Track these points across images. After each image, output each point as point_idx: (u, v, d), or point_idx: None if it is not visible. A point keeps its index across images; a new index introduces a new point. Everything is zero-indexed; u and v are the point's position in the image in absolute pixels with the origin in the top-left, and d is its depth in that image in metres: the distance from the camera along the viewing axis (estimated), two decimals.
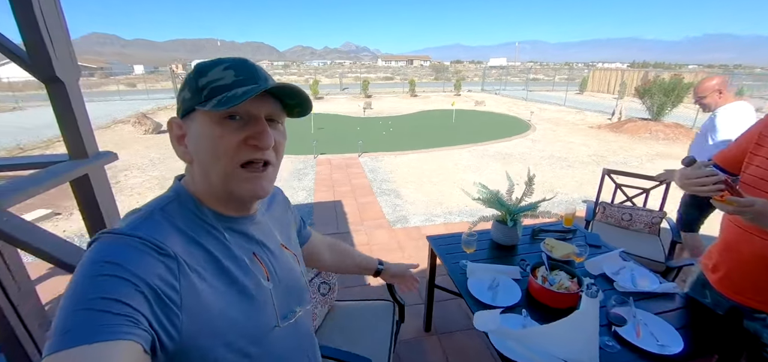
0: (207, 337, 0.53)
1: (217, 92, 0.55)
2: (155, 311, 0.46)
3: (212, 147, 0.56)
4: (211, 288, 0.55)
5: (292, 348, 0.71)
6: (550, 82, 31.41)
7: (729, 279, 1.38)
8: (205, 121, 0.56)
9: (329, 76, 39.31)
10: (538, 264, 1.57)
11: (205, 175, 0.58)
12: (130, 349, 0.42)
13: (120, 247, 0.48)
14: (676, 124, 9.58)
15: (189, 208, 0.59)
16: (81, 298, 0.42)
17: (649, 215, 2.67)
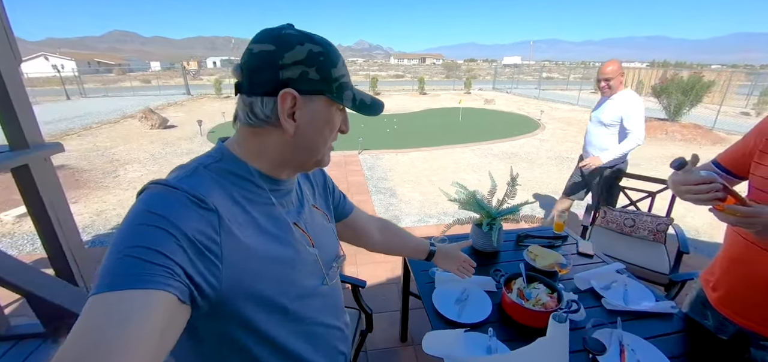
0: (247, 288, 0.56)
1: (345, 88, 0.62)
2: (194, 262, 0.48)
3: (326, 130, 0.63)
4: (252, 243, 0.57)
5: (327, 304, 0.75)
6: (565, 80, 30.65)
7: (732, 300, 1.17)
8: (331, 109, 0.62)
9: None
10: (514, 276, 1.40)
11: (298, 147, 0.62)
12: (163, 299, 0.44)
13: (165, 199, 0.50)
14: (694, 124, 9.11)
15: (235, 169, 0.61)
16: (125, 245, 0.45)
17: (654, 221, 2.44)
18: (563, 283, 1.50)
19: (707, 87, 9.35)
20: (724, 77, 14.10)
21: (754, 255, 1.08)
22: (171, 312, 0.45)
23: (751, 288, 1.10)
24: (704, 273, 1.33)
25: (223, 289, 0.52)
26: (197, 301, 0.50)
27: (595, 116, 2.91)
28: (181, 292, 0.46)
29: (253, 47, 0.58)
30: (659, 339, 1.21)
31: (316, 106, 0.60)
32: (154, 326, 0.42)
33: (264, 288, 0.59)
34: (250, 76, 0.57)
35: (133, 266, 0.44)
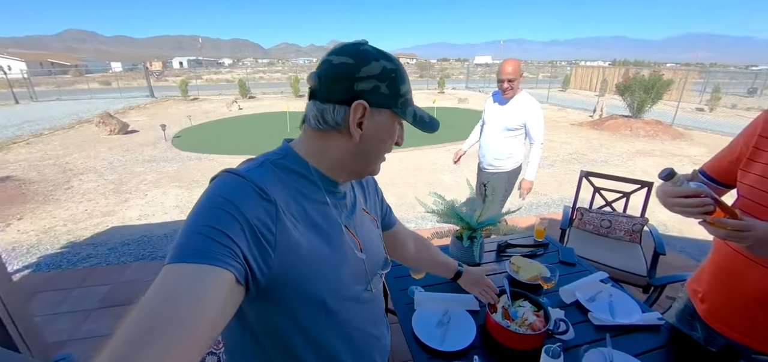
0: (294, 280, 0.59)
1: (408, 105, 0.67)
2: (251, 247, 0.53)
3: (387, 142, 0.67)
4: (303, 239, 0.60)
5: (368, 309, 0.76)
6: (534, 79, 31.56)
7: (722, 312, 1.13)
8: (393, 122, 0.66)
9: None
10: (499, 293, 1.30)
11: (359, 156, 0.66)
12: (225, 276, 0.48)
13: (234, 186, 0.55)
14: (656, 121, 9.55)
15: (296, 167, 0.65)
16: (196, 223, 0.50)
17: (629, 221, 2.44)
18: (548, 296, 1.43)
19: (667, 85, 9.80)
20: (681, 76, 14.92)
21: (744, 267, 1.03)
22: (229, 289, 0.49)
23: (742, 301, 1.05)
24: (691, 283, 1.28)
25: (271, 277, 0.56)
26: (249, 284, 0.53)
27: (495, 120, 2.67)
28: (238, 273, 0.50)
29: (332, 58, 0.62)
30: (648, 354, 1.16)
31: (382, 118, 0.65)
32: (218, 298, 0.47)
33: (308, 281, 0.62)
34: (327, 84, 0.62)
35: (203, 243, 0.48)
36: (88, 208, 4.41)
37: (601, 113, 11.04)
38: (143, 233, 3.71)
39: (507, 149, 2.66)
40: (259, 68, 57.10)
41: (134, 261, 3.11)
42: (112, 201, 4.63)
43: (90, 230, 3.79)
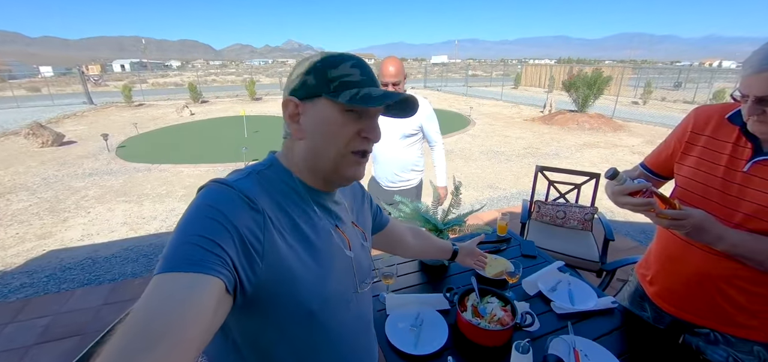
0: (280, 289, 0.60)
1: (346, 87, 0.62)
2: (240, 255, 0.53)
3: (332, 132, 0.64)
4: (290, 248, 0.61)
5: (354, 317, 0.75)
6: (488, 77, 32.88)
7: (668, 293, 1.24)
8: (332, 109, 0.63)
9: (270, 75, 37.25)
10: (467, 291, 1.34)
11: (315, 153, 0.65)
12: (215, 284, 0.48)
13: (223, 195, 0.56)
14: (599, 114, 10.31)
15: (281, 177, 0.66)
16: (186, 233, 0.51)
17: (581, 211, 2.62)
18: (513, 290, 1.49)
19: (606, 81, 10.64)
20: (618, 72, 16.24)
21: (684, 251, 1.14)
22: (220, 297, 0.49)
23: (684, 281, 1.16)
24: (639, 267, 1.39)
25: (258, 286, 0.56)
26: (236, 293, 0.53)
27: (389, 129, 2.16)
28: (228, 281, 0.50)
29: None
30: (606, 337, 1.24)
31: (318, 109, 0.63)
32: (210, 306, 0.47)
33: (295, 291, 0.62)
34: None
35: (192, 252, 0.49)
36: (19, 232, 3.96)
37: (551, 109, 11.73)
38: (87, 255, 3.40)
39: (411, 159, 2.28)
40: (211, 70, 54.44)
41: (78, 288, 2.84)
42: (48, 222, 4.20)
43: (23, 256, 3.41)
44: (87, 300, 2.63)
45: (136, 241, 3.70)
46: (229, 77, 37.12)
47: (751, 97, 0.91)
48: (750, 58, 0.91)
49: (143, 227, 4.05)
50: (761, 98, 0.89)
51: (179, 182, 5.53)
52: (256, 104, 15.39)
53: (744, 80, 0.93)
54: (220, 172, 5.90)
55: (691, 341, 1.22)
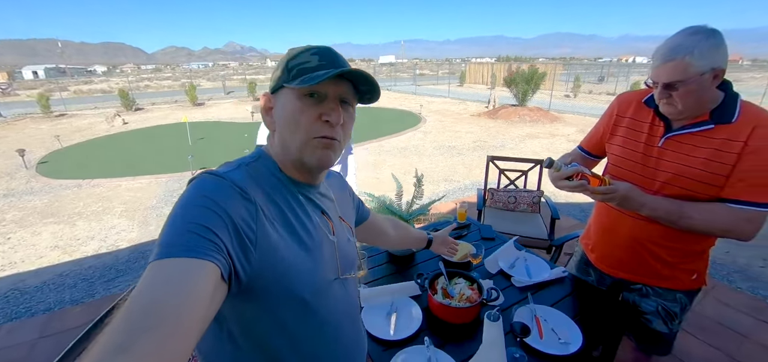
0: (274, 276, 0.61)
1: (302, 73, 0.64)
2: (234, 243, 0.54)
3: (293, 119, 0.65)
4: (281, 238, 0.62)
5: (343, 305, 0.78)
6: (435, 76, 33.97)
7: (607, 258, 1.41)
8: (290, 96, 0.65)
9: (211, 79, 35.09)
10: (436, 275, 1.41)
11: (284, 142, 0.67)
12: (211, 270, 0.49)
13: (216, 186, 0.57)
14: (537, 107, 11.13)
15: (269, 170, 0.68)
16: (181, 221, 0.51)
17: (529, 195, 2.84)
18: (477, 270, 1.60)
19: (542, 77, 11.52)
20: (551, 68, 17.64)
21: (618, 220, 1.31)
22: (216, 283, 0.50)
23: (619, 246, 1.33)
24: (582, 238, 1.56)
25: (253, 274, 0.57)
26: (231, 281, 0.54)
27: None
28: (223, 268, 0.51)
29: None
30: (561, 302, 1.39)
31: (282, 99, 0.66)
32: (207, 290, 0.47)
33: (288, 279, 0.63)
34: None
35: (188, 239, 0.49)
36: None
37: (494, 104, 12.44)
38: (12, 286, 3.01)
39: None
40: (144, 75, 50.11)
41: (5, 323, 2.51)
42: None
43: None
44: (17, 336, 2.34)
45: (73, 265, 3.34)
46: (165, 82, 34.42)
47: (660, 83, 1.08)
48: (658, 51, 1.08)
49: (79, 249, 3.67)
50: (668, 84, 1.06)
51: (117, 197, 5.07)
52: (199, 110, 14.51)
53: (654, 70, 1.10)
54: (165, 183, 5.51)
55: (628, 297, 1.40)
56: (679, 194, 1.15)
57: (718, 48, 1.01)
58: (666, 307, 1.31)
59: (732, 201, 1.07)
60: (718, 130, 1.09)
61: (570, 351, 1.14)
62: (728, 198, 1.08)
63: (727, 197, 1.08)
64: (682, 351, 2.04)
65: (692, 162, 1.12)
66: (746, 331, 2.23)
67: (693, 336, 2.17)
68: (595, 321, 1.29)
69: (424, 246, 1.40)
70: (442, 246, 1.46)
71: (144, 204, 4.76)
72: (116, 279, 3.09)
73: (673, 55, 1.03)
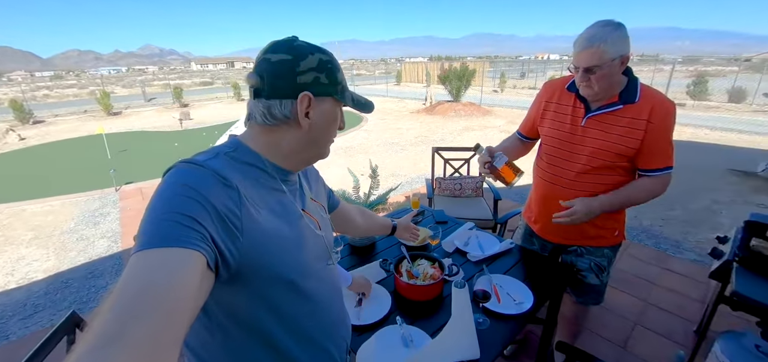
0: (263, 261, 0.61)
1: (345, 90, 0.72)
2: (219, 231, 0.53)
3: (332, 126, 0.73)
4: (267, 223, 0.63)
5: (329, 284, 0.81)
6: (372, 76, 34.37)
7: (546, 227, 1.59)
8: (335, 108, 0.72)
9: (127, 85, 31.58)
10: (400, 259, 1.48)
11: (312, 142, 0.71)
12: (197, 259, 0.48)
13: (195, 174, 0.56)
14: (470, 103, 11.86)
15: (249, 159, 0.67)
16: (162, 211, 0.50)
17: (473, 181, 3.05)
18: (436, 251, 1.70)
19: (472, 74, 12.30)
20: (479, 66, 18.88)
21: (553, 191, 1.49)
22: (202, 272, 0.49)
23: (553, 216, 1.52)
24: (524, 213, 1.74)
25: (241, 260, 0.57)
26: (219, 269, 0.54)
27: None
28: (209, 256, 0.50)
29: (270, 57, 0.64)
30: (512, 270, 1.53)
31: (326, 106, 0.69)
32: (194, 279, 0.47)
33: (277, 263, 0.64)
34: (271, 81, 0.64)
35: (171, 229, 0.48)
36: None
37: (431, 101, 12.98)
38: None
39: None
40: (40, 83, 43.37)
41: None
42: None
43: None
44: None
45: None
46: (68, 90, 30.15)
47: (581, 68, 1.26)
48: (577, 40, 1.26)
49: None
50: (587, 68, 1.24)
51: (23, 223, 4.38)
52: (116, 119, 13.01)
53: (575, 55, 1.27)
54: (83, 203, 4.89)
55: (566, 258, 1.60)
56: (601, 165, 1.35)
57: (624, 38, 1.21)
58: (597, 263, 1.53)
59: (651, 171, 1.32)
60: (626, 109, 1.30)
61: (524, 309, 1.27)
62: (648, 169, 1.33)
63: (647, 168, 1.33)
64: (608, 301, 2.37)
65: (609, 137, 1.32)
66: (654, 279, 2.66)
67: (615, 288, 2.52)
68: (542, 281, 1.45)
69: (389, 232, 1.46)
70: (405, 232, 1.55)
71: (59, 229, 4.18)
72: (36, 315, 2.69)
73: (590, 44, 1.20)
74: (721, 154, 6.18)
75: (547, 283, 1.45)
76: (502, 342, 1.18)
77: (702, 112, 11.09)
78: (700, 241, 3.29)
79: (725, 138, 7.57)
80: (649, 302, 2.40)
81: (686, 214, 3.91)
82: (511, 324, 1.24)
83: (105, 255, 3.50)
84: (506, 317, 1.26)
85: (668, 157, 1.31)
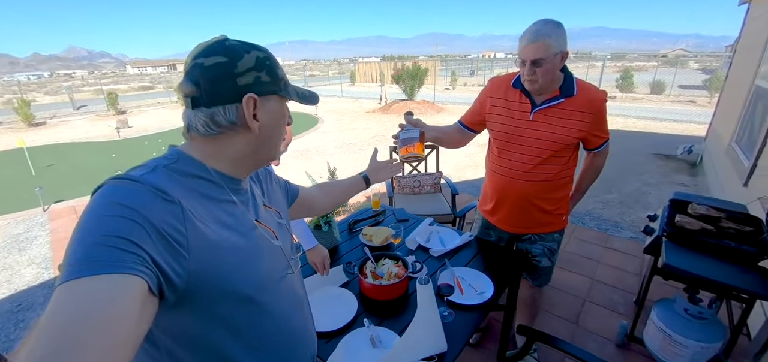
0: (215, 279, 0.57)
1: (288, 85, 0.69)
2: (161, 251, 0.49)
3: (280, 124, 0.70)
4: (217, 237, 0.58)
5: (289, 296, 0.77)
6: (325, 77, 33.93)
7: (502, 218, 1.66)
8: (281, 104, 0.69)
9: (52, 92, 28.38)
10: (364, 261, 1.47)
11: (262, 144, 0.67)
12: (136, 284, 0.44)
13: (130, 191, 0.50)
14: (424, 101, 12.13)
15: (193, 170, 0.61)
16: (93, 235, 0.45)
17: (431, 178, 3.12)
18: (399, 249, 1.71)
19: (425, 73, 12.59)
20: (431, 65, 19.37)
21: (510, 185, 1.56)
22: (143, 299, 0.45)
23: (512, 206, 1.59)
24: (480, 206, 1.81)
25: (190, 280, 0.53)
26: (164, 292, 0.50)
27: None
28: (151, 281, 0.46)
29: (203, 61, 0.59)
30: (472, 261, 1.59)
31: (272, 104, 0.66)
32: (132, 310, 0.43)
33: (231, 279, 0.60)
34: (209, 87, 0.59)
35: (103, 253, 0.44)
36: None
37: (386, 100, 13.09)
38: None
39: None
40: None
41: None
42: None
43: None
44: None
45: None
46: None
47: (527, 61, 1.33)
48: (525, 33, 1.33)
49: None
50: (534, 61, 1.32)
51: None
52: (39, 131, 11.63)
53: (522, 48, 1.35)
54: (4, 227, 4.33)
55: (521, 246, 1.69)
56: (550, 154, 1.45)
57: (563, 36, 1.30)
58: (548, 247, 1.63)
59: (597, 148, 1.52)
60: (567, 102, 1.40)
61: (486, 298, 1.33)
62: (595, 148, 1.53)
63: (593, 147, 1.52)
64: (558, 281, 2.54)
65: (555, 129, 1.42)
66: (599, 257, 2.89)
67: (564, 268, 2.71)
68: (500, 270, 1.52)
69: (364, 186, 1.32)
70: (381, 171, 1.36)
71: None
72: None
73: (537, 37, 1.28)
74: (647, 141, 6.87)
75: (505, 271, 1.52)
76: (468, 332, 1.21)
77: (630, 103, 12.25)
78: (634, 220, 3.63)
79: (650, 126, 8.43)
80: (595, 279, 2.61)
81: (621, 196, 4.29)
82: (475, 313, 1.29)
83: (34, 285, 3.12)
84: (470, 307, 1.30)
85: (606, 132, 1.51)
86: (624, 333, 2.01)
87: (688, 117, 9.32)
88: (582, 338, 2.11)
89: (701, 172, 5.00)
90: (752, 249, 1.53)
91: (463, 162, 5.73)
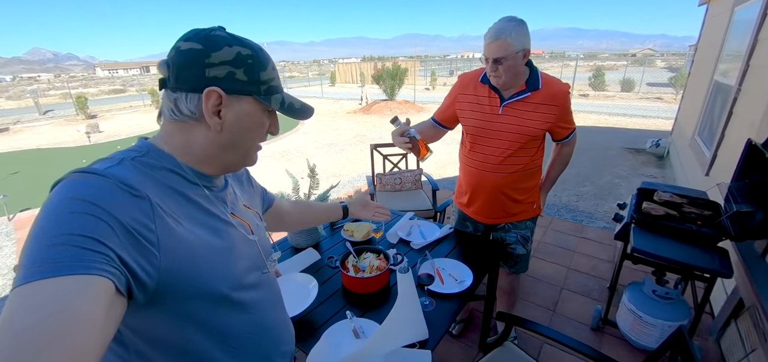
0: (188, 278, 0.55)
1: (274, 91, 0.64)
2: (128, 249, 0.46)
3: (253, 130, 0.64)
4: (189, 233, 0.56)
5: (265, 293, 0.75)
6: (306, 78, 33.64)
7: (478, 210, 1.71)
8: (258, 109, 0.63)
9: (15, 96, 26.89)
10: (346, 255, 1.48)
11: (226, 146, 0.62)
12: (102, 285, 0.41)
13: (93, 186, 0.47)
14: (405, 101, 12.22)
15: (164, 163, 0.59)
16: (53, 233, 0.42)
17: (412, 174, 3.15)
18: (381, 243, 1.73)
19: (405, 73, 12.68)
20: (411, 65, 19.53)
21: (483, 178, 1.61)
22: (109, 301, 0.42)
23: (486, 198, 1.64)
24: (457, 199, 1.85)
25: (161, 279, 0.51)
26: (133, 292, 0.47)
27: None
28: (118, 281, 0.44)
29: (180, 45, 0.57)
30: (452, 253, 1.62)
31: (244, 106, 0.61)
32: (97, 313, 0.40)
33: (205, 276, 0.58)
34: (176, 72, 0.57)
35: (65, 253, 0.40)
36: None
37: (367, 100, 13.11)
38: None
39: None
40: None
41: None
42: None
43: None
44: None
45: None
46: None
47: (490, 59, 1.38)
48: (487, 32, 1.38)
49: None
50: (495, 59, 1.36)
51: None
52: (2, 137, 11.04)
53: (485, 47, 1.40)
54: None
55: (496, 236, 1.74)
56: (519, 147, 1.51)
57: (526, 33, 1.36)
58: (522, 234, 1.69)
59: (565, 138, 1.60)
60: (533, 95, 1.47)
61: (465, 286, 1.36)
62: (563, 138, 1.60)
63: (561, 138, 1.59)
64: (537, 272, 2.62)
65: (524, 121, 1.48)
66: (574, 247, 3.00)
67: (542, 259, 2.80)
68: (478, 259, 1.56)
69: (342, 216, 1.36)
70: (363, 209, 1.40)
71: None
72: None
73: (498, 36, 1.33)
74: (618, 136, 7.16)
75: (482, 260, 1.56)
76: (448, 320, 1.24)
77: (601, 100, 12.72)
78: (607, 211, 3.78)
79: (620, 122, 8.79)
80: (571, 268, 2.71)
81: (595, 189, 4.46)
82: (455, 301, 1.32)
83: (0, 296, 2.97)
84: (450, 296, 1.33)
85: (572, 123, 1.59)
86: (599, 317, 2.10)
87: (656, 113, 9.78)
88: (559, 323, 2.19)
89: (668, 164, 5.25)
90: (712, 231, 1.63)
91: (443, 159, 5.82)
